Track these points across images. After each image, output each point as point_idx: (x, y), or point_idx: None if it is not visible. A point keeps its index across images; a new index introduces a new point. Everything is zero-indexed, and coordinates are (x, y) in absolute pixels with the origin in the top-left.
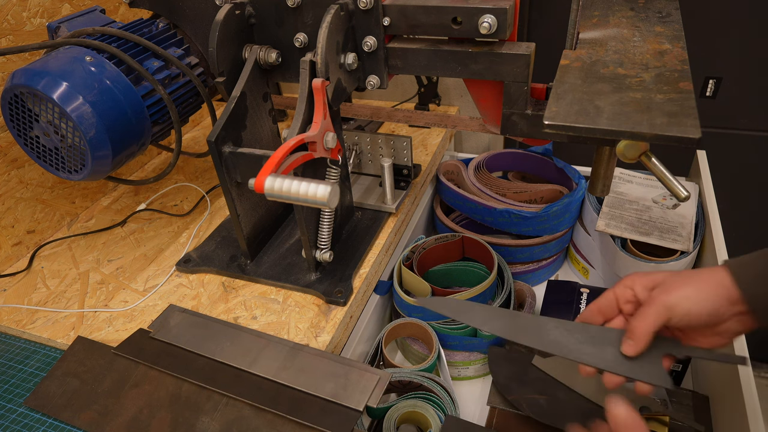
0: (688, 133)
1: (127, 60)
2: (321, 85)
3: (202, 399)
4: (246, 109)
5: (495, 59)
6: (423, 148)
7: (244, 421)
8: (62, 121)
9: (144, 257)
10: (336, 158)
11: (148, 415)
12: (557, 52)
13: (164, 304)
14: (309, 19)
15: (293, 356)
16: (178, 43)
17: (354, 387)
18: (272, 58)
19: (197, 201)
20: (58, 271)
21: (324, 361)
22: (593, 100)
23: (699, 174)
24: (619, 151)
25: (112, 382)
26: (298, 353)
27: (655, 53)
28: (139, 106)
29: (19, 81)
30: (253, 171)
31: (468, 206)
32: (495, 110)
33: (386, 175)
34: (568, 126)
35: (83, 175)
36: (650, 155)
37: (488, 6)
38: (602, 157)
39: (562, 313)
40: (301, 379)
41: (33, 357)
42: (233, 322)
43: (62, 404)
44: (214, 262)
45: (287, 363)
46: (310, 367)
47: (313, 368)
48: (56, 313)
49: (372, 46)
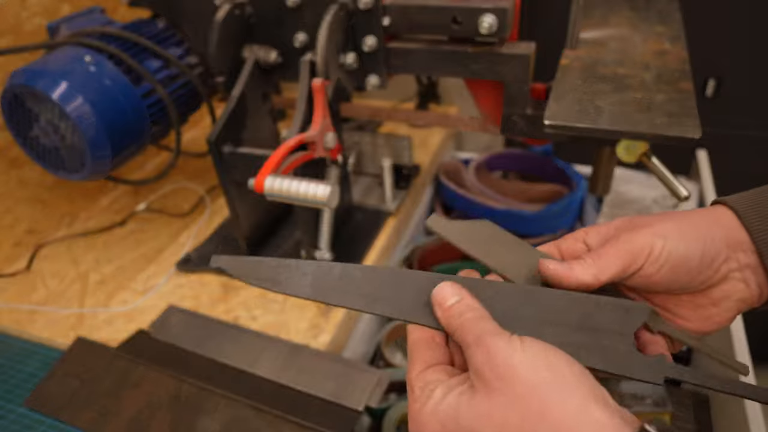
0: (688, 133)
1: (127, 60)
2: (321, 85)
3: (202, 399)
4: (246, 109)
5: (495, 59)
6: (423, 148)
7: (244, 421)
8: (62, 120)
9: (144, 257)
10: (336, 158)
11: (148, 415)
12: (557, 52)
13: (164, 305)
14: (309, 19)
15: (293, 356)
16: (178, 43)
17: (354, 387)
18: (272, 58)
19: (197, 201)
20: (57, 271)
21: (324, 361)
22: (593, 100)
23: (699, 174)
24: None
25: (112, 383)
26: (298, 353)
27: (655, 53)
28: (139, 106)
29: (18, 81)
30: (253, 171)
31: (468, 206)
32: (495, 110)
33: (386, 175)
34: (568, 126)
35: (83, 175)
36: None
37: (488, 6)
38: (602, 157)
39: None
40: (301, 379)
41: (33, 357)
42: (233, 322)
43: (62, 404)
44: None
45: (287, 363)
46: (310, 367)
47: (313, 368)
48: (56, 313)
49: (372, 46)
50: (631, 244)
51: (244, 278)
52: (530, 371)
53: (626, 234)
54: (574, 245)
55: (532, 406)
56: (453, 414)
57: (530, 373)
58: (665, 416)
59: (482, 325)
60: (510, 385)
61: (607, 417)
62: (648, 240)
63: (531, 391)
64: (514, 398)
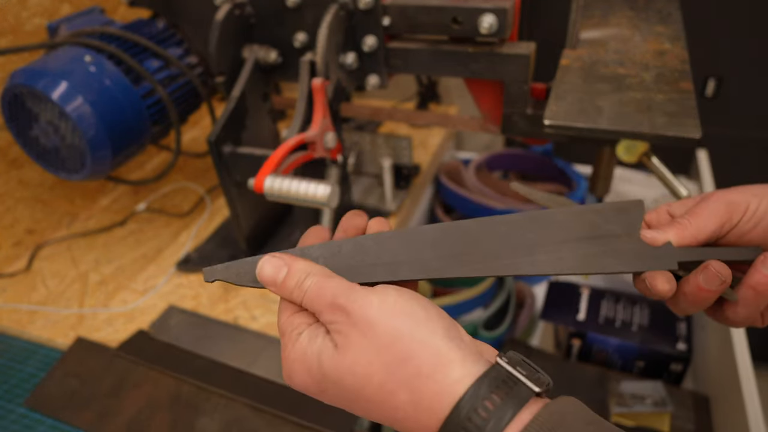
0: (689, 133)
1: (127, 60)
2: (321, 85)
3: (202, 399)
4: (246, 109)
5: (495, 59)
6: (423, 148)
7: (244, 421)
8: (62, 120)
9: (144, 257)
10: (336, 158)
11: (148, 415)
12: (557, 52)
13: (164, 305)
14: (309, 19)
15: None
16: (178, 43)
17: None
18: (272, 58)
19: (197, 201)
20: (57, 271)
21: None
22: (594, 100)
23: (699, 174)
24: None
25: (111, 383)
26: None
27: (655, 53)
28: (139, 106)
29: (19, 81)
30: (253, 171)
31: (468, 206)
32: (495, 110)
33: (386, 175)
34: (568, 126)
35: (83, 175)
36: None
37: (488, 6)
38: (602, 157)
39: (563, 314)
40: None
41: (33, 357)
42: (233, 322)
43: (62, 404)
44: (214, 262)
45: None
46: None
47: None
48: (56, 314)
49: (372, 45)
50: (726, 201)
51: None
52: (388, 321)
53: (718, 194)
54: (659, 216)
55: (394, 354)
56: (317, 362)
57: (388, 323)
58: (665, 416)
59: (329, 287)
60: (370, 338)
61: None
62: (744, 197)
63: (391, 340)
64: (375, 350)
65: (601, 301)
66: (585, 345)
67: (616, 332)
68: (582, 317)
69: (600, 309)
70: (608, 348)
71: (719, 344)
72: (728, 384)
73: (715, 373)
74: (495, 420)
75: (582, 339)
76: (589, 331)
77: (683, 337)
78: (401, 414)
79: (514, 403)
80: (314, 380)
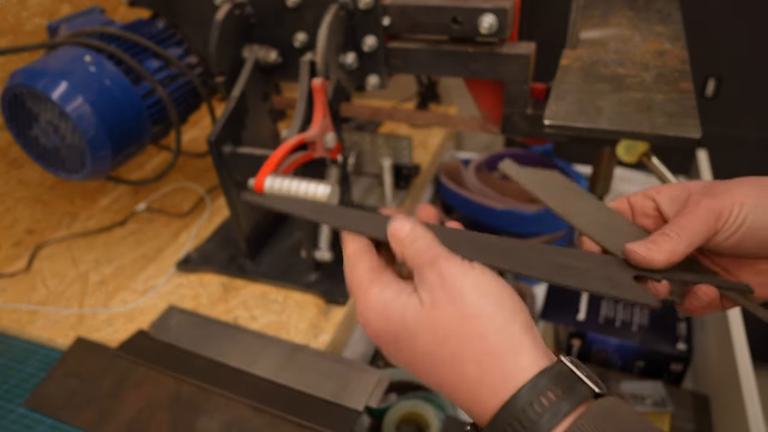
0: (689, 133)
1: (127, 60)
2: (321, 85)
3: (202, 399)
4: (246, 109)
5: (495, 59)
6: (423, 148)
7: (244, 421)
8: (62, 121)
9: (144, 257)
10: (336, 158)
11: (148, 415)
12: (557, 52)
13: (164, 305)
14: (309, 19)
15: (293, 356)
16: (178, 43)
17: (354, 387)
18: (272, 58)
19: (197, 201)
20: (57, 271)
21: (324, 362)
22: (594, 100)
23: (699, 174)
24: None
25: (111, 383)
26: (298, 353)
27: (655, 53)
28: (139, 106)
29: (19, 81)
30: (253, 171)
31: (468, 206)
32: (495, 110)
33: (386, 175)
34: (568, 126)
35: (83, 175)
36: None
37: (488, 6)
38: (602, 157)
39: (563, 314)
40: (301, 379)
41: (33, 357)
42: (233, 322)
43: (62, 404)
44: (213, 262)
45: (287, 363)
46: (310, 367)
47: (313, 368)
48: (56, 314)
49: (372, 45)
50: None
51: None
52: (477, 296)
53: (707, 200)
54: (644, 201)
55: (473, 327)
56: (401, 312)
57: (476, 298)
58: (665, 416)
59: (435, 250)
60: (456, 306)
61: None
62: (728, 204)
63: (474, 314)
64: (457, 318)
65: (601, 301)
66: (585, 345)
67: (616, 332)
68: (582, 317)
69: (600, 309)
70: (608, 348)
71: (719, 344)
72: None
73: (715, 373)
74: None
75: (582, 339)
76: (589, 331)
77: (683, 337)
78: (465, 386)
79: (571, 400)
80: (391, 329)
